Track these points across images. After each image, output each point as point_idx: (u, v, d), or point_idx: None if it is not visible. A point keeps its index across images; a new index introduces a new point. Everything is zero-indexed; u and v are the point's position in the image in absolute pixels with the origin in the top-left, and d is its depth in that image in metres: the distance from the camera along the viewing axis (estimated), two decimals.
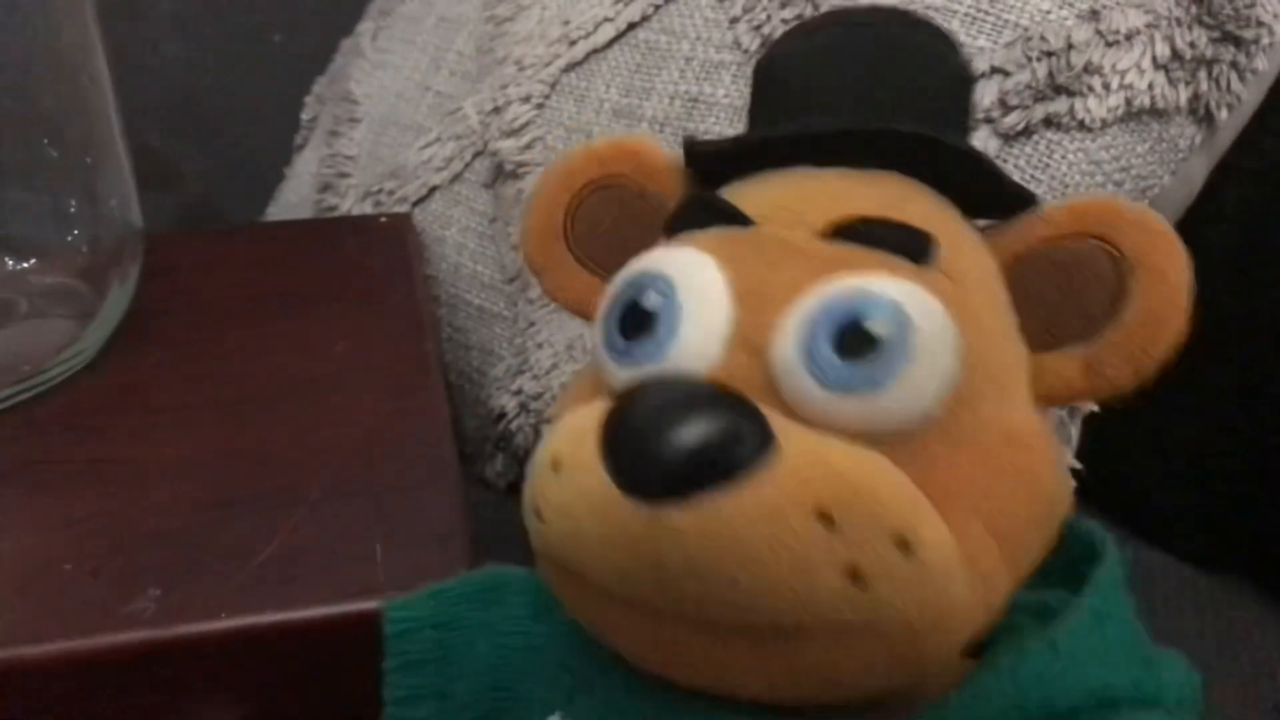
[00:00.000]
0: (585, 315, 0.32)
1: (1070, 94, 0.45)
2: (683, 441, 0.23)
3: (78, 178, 0.49)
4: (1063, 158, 0.46)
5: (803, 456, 0.23)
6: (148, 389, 0.47)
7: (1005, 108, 0.45)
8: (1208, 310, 0.54)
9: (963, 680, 0.26)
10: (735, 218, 0.27)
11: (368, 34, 0.73)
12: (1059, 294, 0.27)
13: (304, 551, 0.37)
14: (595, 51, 0.56)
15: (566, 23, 0.58)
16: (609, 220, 0.31)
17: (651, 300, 0.26)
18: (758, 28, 0.51)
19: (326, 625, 0.34)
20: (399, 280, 0.56)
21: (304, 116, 0.76)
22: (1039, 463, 0.26)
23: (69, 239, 0.49)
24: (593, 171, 0.31)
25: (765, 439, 0.23)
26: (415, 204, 0.63)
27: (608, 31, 0.56)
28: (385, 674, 0.30)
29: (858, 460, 0.24)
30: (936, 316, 0.25)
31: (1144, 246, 0.26)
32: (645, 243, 0.29)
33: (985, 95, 0.46)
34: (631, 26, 0.56)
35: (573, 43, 0.57)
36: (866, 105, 0.28)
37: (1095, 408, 0.48)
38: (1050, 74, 0.45)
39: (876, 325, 0.24)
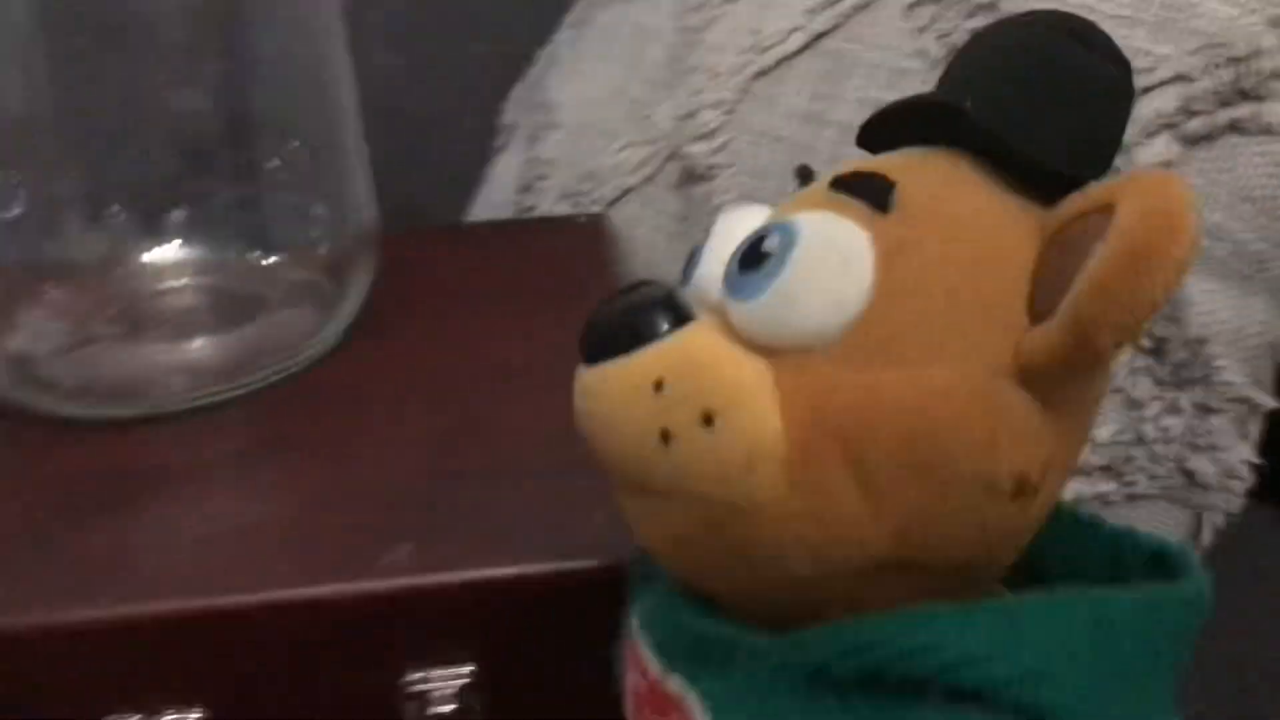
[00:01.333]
0: None
1: (1257, 99, 0.46)
2: (610, 322, 0.29)
3: (324, 181, 0.54)
4: (1246, 161, 0.47)
5: (679, 340, 0.28)
6: (380, 373, 0.52)
7: (1188, 114, 0.47)
8: None
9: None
10: (809, 178, 0.31)
11: (565, 42, 0.77)
12: (1067, 265, 0.25)
13: (533, 516, 0.42)
14: (785, 59, 0.59)
15: (757, 32, 0.61)
16: None
17: (702, 239, 0.31)
18: (943, 37, 0.53)
19: (554, 580, 0.38)
20: (597, 276, 0.59)
21: (503, 121, 0.81)
22: (954, 418, 0.25)
23: (314, 237, 0.55)
24: None
25: (670, 327, 0.28)
26: (610, 205, 0.67)
27: (798, 40, 0.59)
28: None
29: (710, 346, 0.28)
30: (832, 239, 0.27)
31: (1136, 193, 0.24)
32: None
33: (1168, 102, 0.47)
34: (820, 35, 0.58)
35: (764, 50, 0.60)
36: (1003, 101, 0.28)
37: (1275, 404, 0.49)
38: (1235, 79, 0.46)
39: (769, 242, 0.27)
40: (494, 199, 0.77)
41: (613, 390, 0.28)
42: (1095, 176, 0.27)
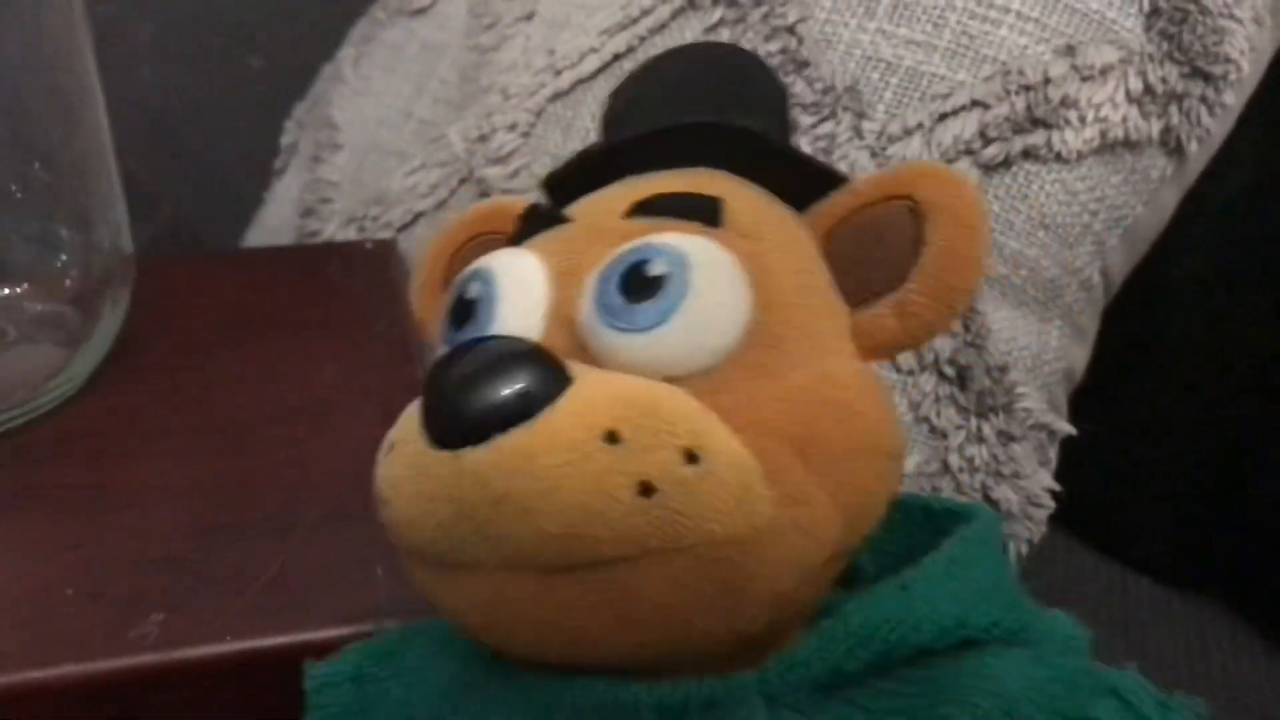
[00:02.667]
0: None
1: (1048, 126, 0.47)
2: (481, 388, 0.24)
3: (69, 204, 0.49)
4: (1040, 188, 0.47)
5: (591, 388, 0.25)
6: (139, 414, 0.47)
7: (985, 140, 0.47)
8: (1179, 336, 0.56)
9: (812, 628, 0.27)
10: (556, 220, 0.29)
11: (349, 60, 0.73)
12: (868, 253, 0.28)
13: (304, 575, 0.38)
14: (581, 81, 0.57)
15: (552, 53, 0.59)
16: None
17: (473, 290, 0.28)
18: None
19: (329, 648, 0.34)
20: (385, 305, 0.56)
21: (283, 141, 0.77)
22: (857, 400, 0.27)
23: (59, 265, 0.50)
24: (476, 228, 0.33)
25: (561, 380, 0.25)
26: (400, 230, 0.63)
27: (593, 62, 0.57)
28: None
29: (642, 384, 0.25)
30: (716, 256, 0.27)
31: (936, 192, 0.28)
32: None
33: (966, 128, 0.47)
34: (617, 57, 0.57)
35: (558, 73, 0.58)
36: (686, 114, 0.30)
37: (1072, 430, 0.49)
38: (1028, 107, 0.47)
39: (656, 266, 0.26)
40: (273, 223, 0.72)
41: (550, 458, 0.24)
42: (835, 179, 0.30)
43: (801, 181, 0.30)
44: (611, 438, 0.24)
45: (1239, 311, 0.55)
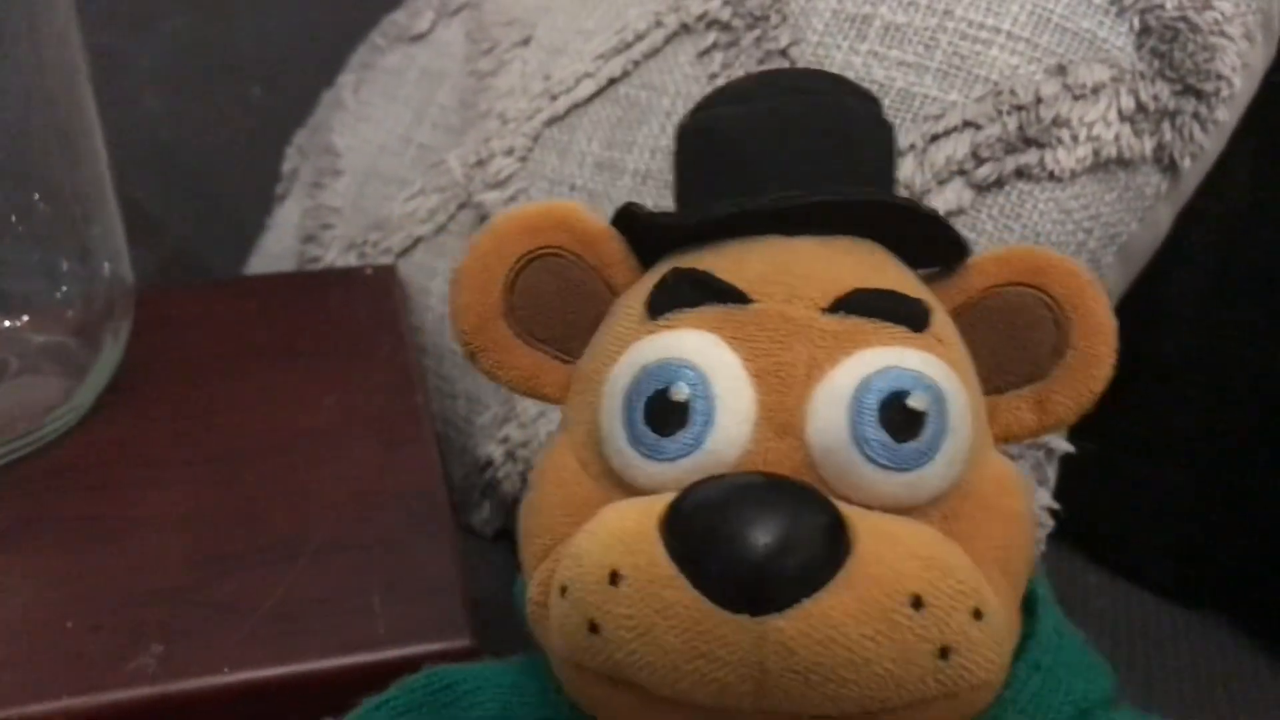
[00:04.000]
0: (534, 393, 0.31)
1: (1040, 146, 0.47)
2: (781, 547, 0.23)
3: (70, 234, 0.49)
4: (1034, 207, 0.47)
5: (881, 544, 0.24)
6: (141, 444, 0.48)
7: (978, 160, 0.47)
8: (1177, 352, 0.56)
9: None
10: (730, 294, 0.27)
11: (349, 86, 0.74)
12: (1003, 339, 0.30)
13: (303, 605, 0.38)
14: (577, 106, 0.58)
15: (548, 77, 0.60)
16: (551, 293, 0.31)
17: (680, 391, 0.26)
18: None
19: (327, 678, 0.34)
20: (386, 332, 0.57)
21: (285, 168, 0.77)
22: (1024, 505, 0.28)
23: (60, 295, 0.50)
24: (527, 243, 0.30)
25: (841, 531, 0.24)
26: (400, 255, 0.63)
27: (588, 87, 0.57)
28: None
29: (928, 540, 0.25)
30: (955, 384, 0.27)
31: (1074, 290, 0.29)
32: (590, 314, 0.29)
33: (958, 148, 0.47)
34: (612, 82, 0.57)
35: (554, 97, 0.59)
36: (812, 169, 0.29)
37: (1070, 448, 0.49)
38: (1021, 127, 0.47)
39: (917, 401, 0.26)
40: (275, 250, 0.73)
41: (861, 628, 0.23)
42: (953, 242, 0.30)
43: (920, 240, 0.30)
44: (916, 602, 0.24)
45: (1237, 327, 0.54)
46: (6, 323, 0.50)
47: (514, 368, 0.31)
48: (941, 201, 0.47)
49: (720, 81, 0.53)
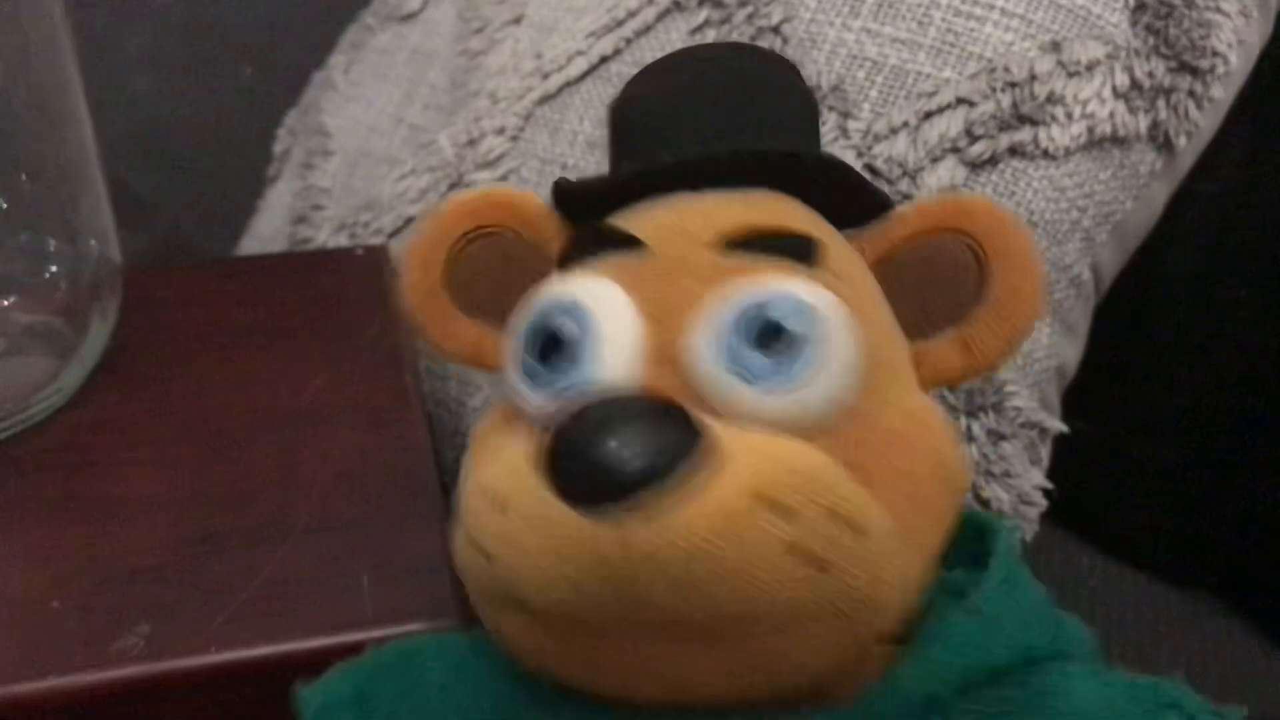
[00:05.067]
0: (478, 364, 0.33)
1: (1034, 123, 0.47)
2: (629, 445, 0.23)
3: (56, 215, 0.49)
4: (1028, 185, 0.47)
5: (748, 453, 0.24)
6: (129, 425, 0.47)
7: (971, 137, 0.47)
8: (1171, 331, 0.56)
9: (898, 658, 0.27)
10: (628, 242, 0.29)
11: (339, 67, 0.73)
12: (926, 285, 0.30)
13: (291, 584, 0.38)
14: (568, 84, 0.57)
15: (539, 56, 0.59)
16: (491, 269, 0.32)
17: (567, 327, 0.27)
18: None
19: (315, 658, 0.34)
20: (376, 312, 0.56)
21: (276, 149, 0.77)
22: (939, 439, 0.28)
23: (48, 276, 0.49)
24: (466, 224, 0.32)
25: (707, 439, 0.24)
26: (391, 235, 0.63)
27: (580, 65, 0.57)
28: None
29: (798, 451, 0.25)
30: (837, 308, 0.27)
31: (994, 230, 0.29)
32: (530, 287, 0.30)
33: (952, 126, 0.47)
34: (604, 60, 0.56)
35: (545, 75, 0.58)
36: (727, 132, 0.30)
37: (1063, 428, 0.49)
38: (1014, 104, 0.46)
39: (789, 321, 0.26)
40: (266, 231, 0.72)
41: (715, 531, 0.23)
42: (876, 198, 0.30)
43: (840, 197, 0.30)
44: (777, 508, 0.24)
45: (1232, 306, 0.54)
46: None
47: (457, 339, 0.33)
48: (935, 179, 0.47)
49: None
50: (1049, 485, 0.48)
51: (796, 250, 0.28)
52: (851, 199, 0.30)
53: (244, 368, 0.51)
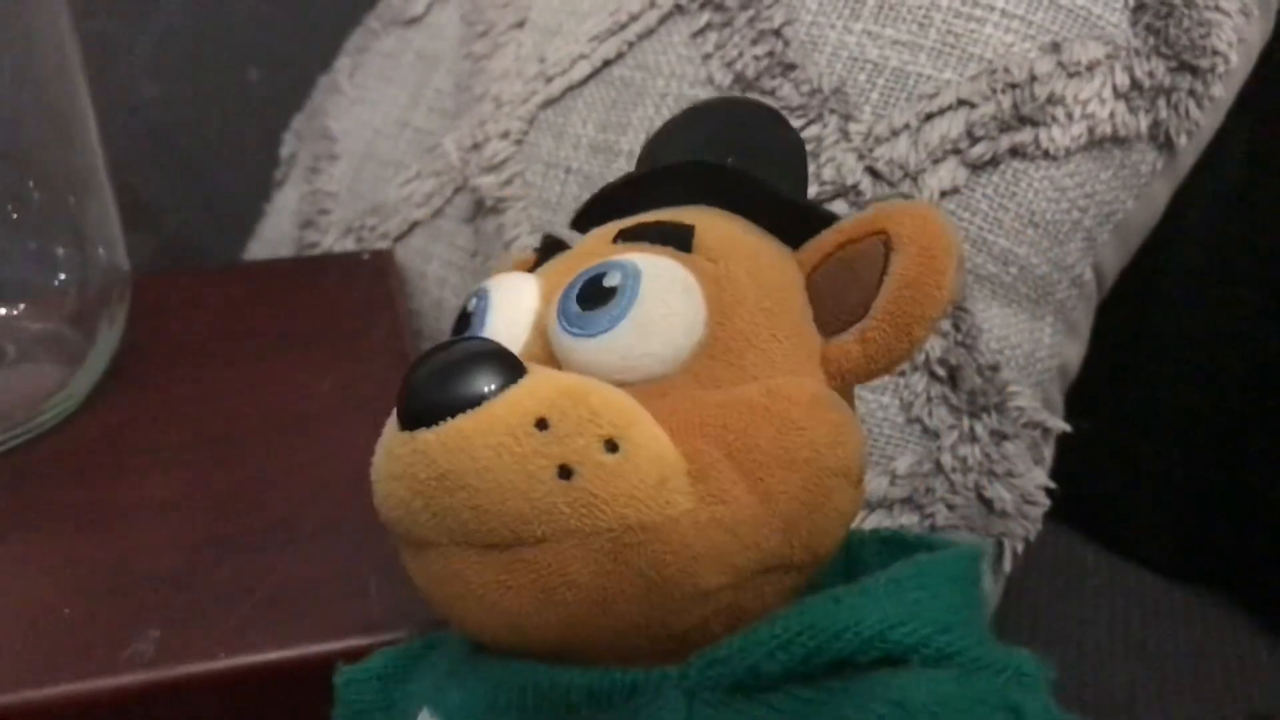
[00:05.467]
0: None
1: (1035, 124, 0.47)
2: (441, 379, 0.27)
3: (64, 222, 0.49)
4: (1029, 186, 0.47)
5: (536, 382, 0.27)
6: (138, 431, 0.48)
7: (972, 139, 0.47)
8: (1174, 329, 0.56)
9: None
10: (565, 246, 0.33)
11: (345, 71, 0.73)
12: (842, 286, 0.30)
13: (299, 589, 0.38)
14: (571, 88, 0.57)
15: (543, 60, 0.59)
16: None
17: (471, 304, 0.31)
18: (730, 64, 0.52)
19: (324, 662, 0.34)
20: (383, 316, 0.57)
21: (282, 153, 0.77)
22: (803, 415, 0.28)
23: (56, 283, 0.50)
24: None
25: (514, 373, 0.27)
26: (397, 240, 0.64)
27: (583, 68, 0.57)
28: None
29: (582, 381, 0.27)
30: (671, 272, 0.29)
31: (906, 225, 0.29)
32: None
33: (952, 127, 0.47)
34: (607, 63, 0.57)
35: (549, 79, 0.59)
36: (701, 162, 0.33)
37: (1066, 427, 0.49)
38: (1015, 105, 0.47)
39: (611, 278, 0.28)
40: (273, 235, 0.73)
41: (484, 439, 0.26)
42: (821, 221, 0.31)
43: (802, 224, 0.32)
44: (541, 424, 0.26)
45: (1235, 304, 0.54)
46: (2, 310, 0.50)
47: None
48: (936, 181, 0.47)
49: (714, 62, 0.53)
50: (1052, 485, 0.48)
51: (669, 237, 0.30)
52: (797, 216, 0.32)
53: (252, 372, 0.52)
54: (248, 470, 0.45)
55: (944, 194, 0.47)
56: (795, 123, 0.49)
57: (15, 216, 0.48)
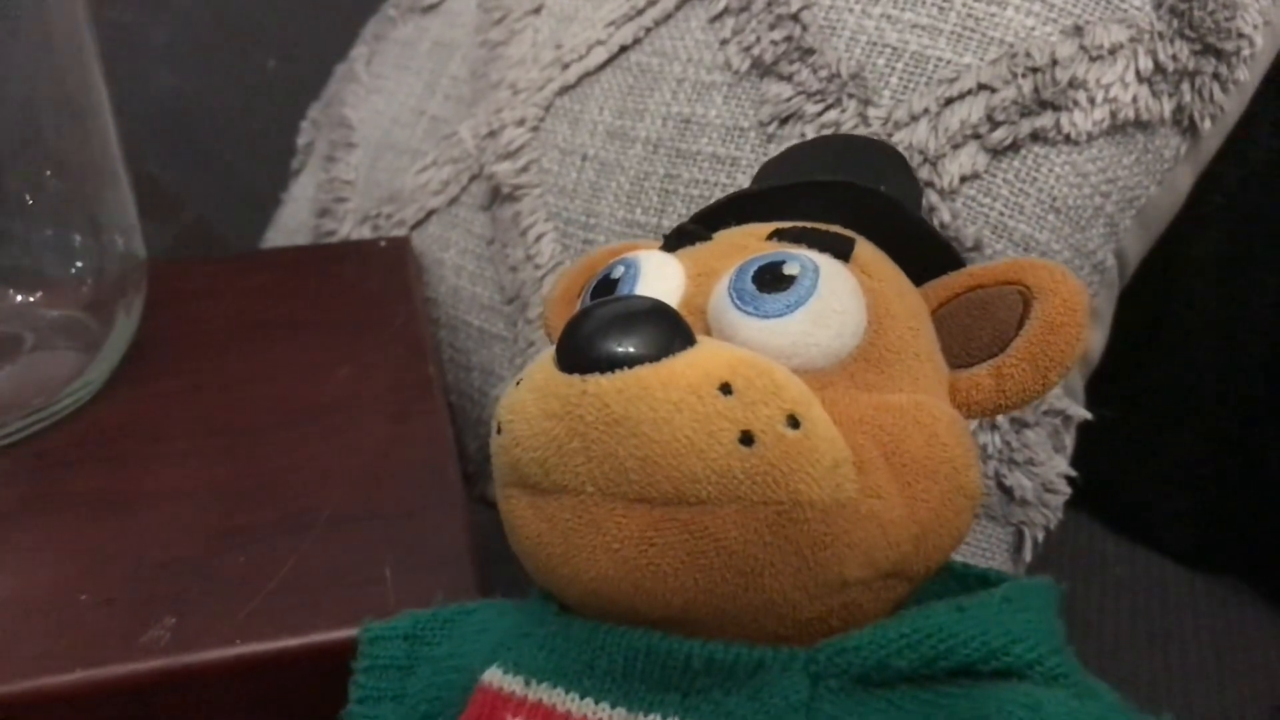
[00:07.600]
0: None
1: (1056, 108, 0.46)
2: (616, 329, 0.27)
3: (81, 210, 0.49)
4: (1050, 171, 0.47)
5: (714, 346, 0.27)
6: (155, 418, 0.48)
7: (993, 123, 0.46)
8: (1196, 317, 0.56)
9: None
10: (701, 238, 0.33)
11: (362, 59, 0.73)
12: (977, 323, 0.32)
13: (315, 576, 0.38)
14: (588, 74, 0.57)
15: (559, 46, 0.59)
16: None
17: (617, 272, 0.31)
18: (747, 49, 0.52)
19: (339, 650, 0.34)
20: (399, 304, 0.57)
21: (299, 142, 0.77)
22: (945, 433, 0.29)
23: (73, 271, 0.50)
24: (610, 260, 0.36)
25: (687, 338, 0.27)
26: (413, 227, 0.63)
27: (600, 54, 0.57)
28: (354, 674, 0.33)
29: (761, 358, 0.28)
30: (843, 274, 0.30)
31: (1044, 278, 0.31)
32: None
33: (973, 112, 0.46)
34: (623, 49, 0.56)
35: (565, 66, 0.58)
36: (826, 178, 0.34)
37: (1087, 415, 0.48)
38: (1036, 89, 0.46)
39: (790, 267, 0.29)
40: (291, 224, 0.73)
41: (666, 393, 0.26)
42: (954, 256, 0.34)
43: (922, 259, 0.33)
44: (725, 389, 0.26)
45: (1258, 291, 0.54)
46: (20, 298, 0.50)
47: None
48: (956, 166, 0.46)
49: (732, 47, 0.52)
50: (1073, 473, 0.48)
51: (830, 244, 0.31)
52: (928, 254, 0.33)
53: (268, 360, 0.52)
54: (264, 457, 0.45)
55: (964, 179, 0.47)
56: (813, 109, 0.49)
57: (33, 205, 0.48)
